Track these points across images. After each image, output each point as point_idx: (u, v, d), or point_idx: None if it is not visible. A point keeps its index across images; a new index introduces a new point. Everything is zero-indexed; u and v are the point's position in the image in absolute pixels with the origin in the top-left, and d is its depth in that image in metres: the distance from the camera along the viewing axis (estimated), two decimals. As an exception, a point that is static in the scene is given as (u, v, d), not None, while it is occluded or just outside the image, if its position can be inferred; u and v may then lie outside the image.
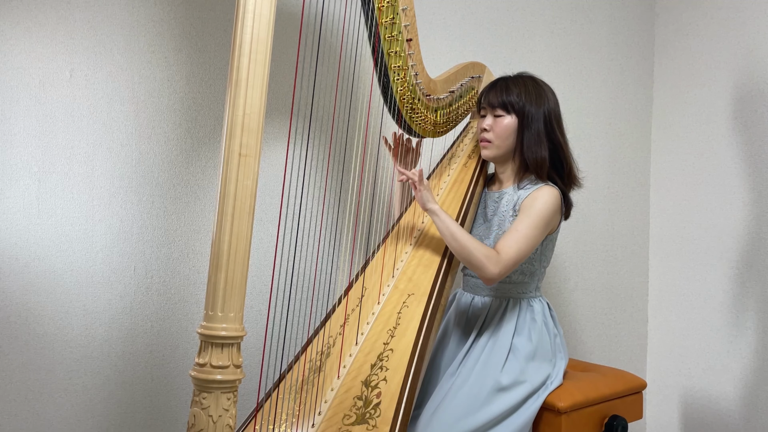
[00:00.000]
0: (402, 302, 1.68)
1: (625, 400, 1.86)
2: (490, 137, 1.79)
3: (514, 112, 1.75)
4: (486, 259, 1.63)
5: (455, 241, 1.65)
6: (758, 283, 2.55)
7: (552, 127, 1.76)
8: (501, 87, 1.78)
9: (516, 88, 1.76)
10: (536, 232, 1.68)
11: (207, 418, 1.21)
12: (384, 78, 1.75)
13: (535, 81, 1.80)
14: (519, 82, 1.78)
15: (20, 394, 1.70)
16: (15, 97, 1.69)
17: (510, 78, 1.81)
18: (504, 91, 1.76)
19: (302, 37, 1.81)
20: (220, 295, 1.22)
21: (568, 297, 2.72)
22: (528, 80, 1.79)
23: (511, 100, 1.75)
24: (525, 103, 1.74)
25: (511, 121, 1.76)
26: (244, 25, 1.23)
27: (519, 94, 1.75)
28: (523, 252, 1.66)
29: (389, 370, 1.53)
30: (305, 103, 1.94)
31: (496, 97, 1.77)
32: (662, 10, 2.95)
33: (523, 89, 1.76)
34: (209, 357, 1.22)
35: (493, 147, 1.80)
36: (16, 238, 1.70)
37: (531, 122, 1.74)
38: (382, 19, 1.67)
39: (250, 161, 1.23)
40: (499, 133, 1.77)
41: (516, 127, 1.76)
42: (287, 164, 1.65)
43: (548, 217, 1.70)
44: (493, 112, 1.78)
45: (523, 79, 1.80)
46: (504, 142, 1.78)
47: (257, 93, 1.24)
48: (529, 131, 1.74)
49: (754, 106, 2.59)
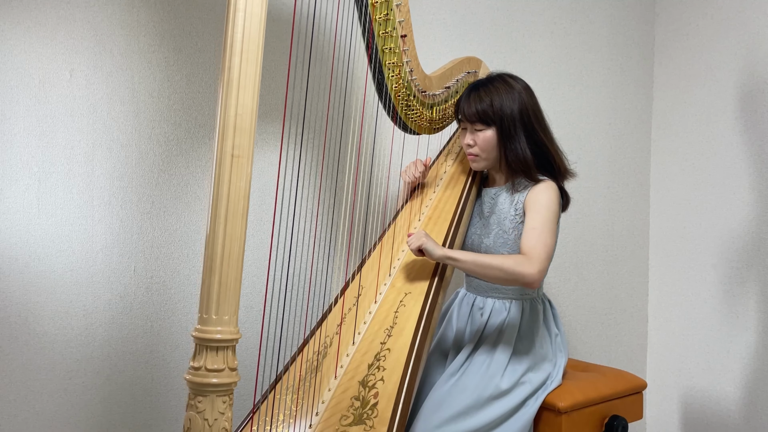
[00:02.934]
0: (399, 301, 1.67)
1: (625, 400, 1.86)
2: (475, 152, 1.79)
3: (492, 123, 1.74)
4: (519, 266, 1.62)
5: (483, 268, 1.64)
6: (758, 283, 2.54)
7: (532, 126, 1.75)
8: (474, 98, 1.76)
9: (488, 97, 1.74)
10: (551, 224, 1.68)
11: (203, 421, 1.19)
12: (378, 75, 1.74)
13: (506, 82, 1.77)
14: (490, 89, 1.76)
15: (20, 394, 1.71)
16: (15, 97, 1.70)
17: (481, 85, 1.78)
18: (477, 103, 1.75)
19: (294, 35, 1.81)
20: (214, 298, 1.20)
21: (568, 297, 2.72)
22: (499, 83, 1.77)
23: (486, 112, 1.73)
24: (501, 112, 1.73)
25: (491, 133, 1.75)
26: (235, 24, 1.22)
27: (492, 102, 1.73)
28: (550, 245, 1.66)
29: (386, 370, 1.53)
30: (298, 103, 1.94)
31: (471, 110, 1.75)
32: (662, 10, 2.95)
33: (496, 95, 1.74)
34: (204, 360, 1.20)
35: (481, 160, 1.80)
36: (16, 238, 1.70)
37: (510, 130, 1.73)
38: (375, 15, 1.66)
39: (242, 162, 1.22)
40: (483, 147, 1.77)
41: (497, 137, 1.75)
42: (281, 164, 1.64)
43: (555, 208, 1.71)
44: (472, 126, 1.78)
45: (493, 83, 1.77)
46: (490, 154, 1.78)
47: (249, 93, 1.22)
48: (510, 139, 1.74)
49: (754, 106, 2.59)
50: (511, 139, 1.74)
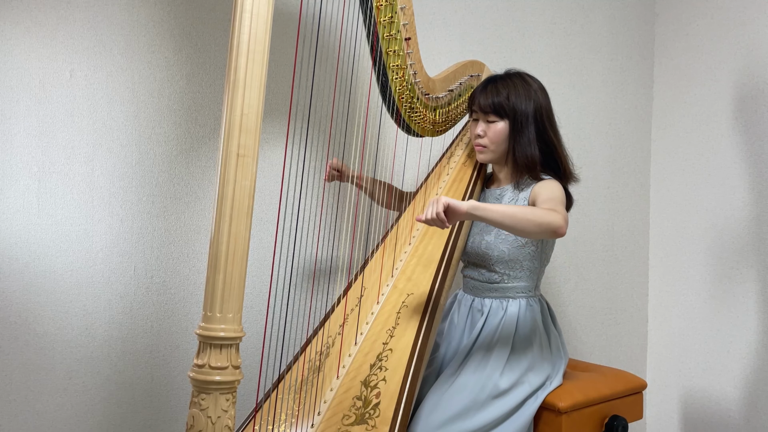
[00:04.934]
0: (401, 302, 1.67)
1: (625, 400, 1.86)
2: (484, 143, 1.80)
3: (505, 116, 1.75)
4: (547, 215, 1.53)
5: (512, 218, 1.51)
6: (758, 283, 2.54)
7: (543, 126, 1.76)
8: (491, 91, 1.77)
9: (505, 90, 1.75)
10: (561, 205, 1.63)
11: (206, 419, 1.20)
12: (383, 77, 1.75)
13: (523, 80, 1.79)
14: (508, 83, 1.77)
15: (20, 394, 1.71)
16: (15, 97, 1.69)
17: (499, 79, 1.79)
18: (494, 95, 1.75)
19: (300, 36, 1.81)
20: (218, 296, 1.22)
21: (568, 297, 2.72)
22: (517, 80, 1.78)
23: (502, 105, 1.74)
24: (515, 106, 1.74)
25: (503, 126, 1.76)
26: (241, 25, 1.23)
27: (508, 96, 1.74)
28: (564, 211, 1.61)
29: (388, 370, 1.53)
30: (303, 103, 1.94)
31: (487, 101, 1.76)
32: (662, 10, 2.95)
33: (513, 91, 1.75)
34: (208, 358, 1.21)
35: (488, 152, 1.80)
36: (16, 238, 1.70)
37: (522, 125, 1.74)
38: (380, 17, 1.67)
39: (248, 162, 1.23)
40: (493, 139, 1.78)
41: (508, 131, 1.76)
42: (285, 164, 1.65)
43: (563, 196, 1.69)
44: (485, 117, 1.78)
45: (512, 79, 1.78)
46: (499, 147, 1.79)
47: (255, 93, 1.24)
48: (520, 134, 1.75)
49: (754, 106, 2.59)
50: (521, 135, 1.75)
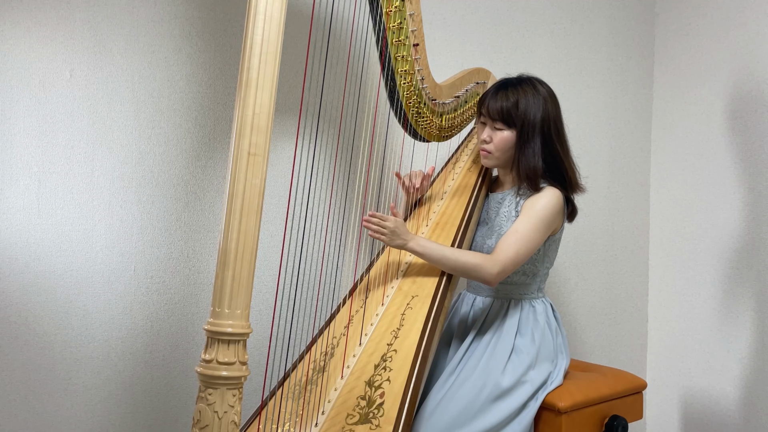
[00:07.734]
0: (406, 304, 1.68)
1: (625, 400, 1.86)
2: (490, 149, 1.79)
3: (513, 125, 1.74)
4: (482, 262, 1.66)
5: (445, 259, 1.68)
6: (758, 284, 2.55)
7: (550, 137, 1.75)
8: (501, 96, 1.75)
9: (515, 97, 1.74)
10: (536, 234, 1.68)
11: (212, 414, 1.22)
12: (391, 82, 1.77)
13: (534, 87, 1.77)
14: (519, 91, 1.75)
15: (20, 394, 1.70)
16: (15, 97, 1.69)
17: (510, 85, 1.77)
18: (503, 101, 1.74)
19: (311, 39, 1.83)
20: (227, 292, 1.24)
21: (568, 297, 2.72)
22: (528, 87, 1.76)
23: (510, 113, 1.73)
24: (523, 116, 1.73)
25: (509, 134, 1.75)
26: (255, 26, 1.26)
27: (517, 104, 1.73)
28: (523, 252, 1.67)
29: (393, 370, 1.54)
30: (313, 104, 1.95)
31: (495, 107, 1.75)
32: (662, 10, 2.95)
33: (523, 98, 1.74)
34: (215, 353, 1.24)
35: (492, 158, 1.81)
36: (16, 238, 1.69)
37: (528, 136, 1.74)
38: (389, 23, 1.69)
39: (258, 160, 1.26)
40: (499, 146, 1.78)
41: (514, 140, 1.75)
42: (295, 164, 1.67)
43: (549, 218, 1.70)
44: (493, 123, 1.77)
45: (522, 86, 1.76)
46: (504, 154, 1.79)
47: (267, 93, 1.27)
48: (526, 145, 1.74)
49: (754, 106, 2.59)
50: (526, 145, 1.74)
